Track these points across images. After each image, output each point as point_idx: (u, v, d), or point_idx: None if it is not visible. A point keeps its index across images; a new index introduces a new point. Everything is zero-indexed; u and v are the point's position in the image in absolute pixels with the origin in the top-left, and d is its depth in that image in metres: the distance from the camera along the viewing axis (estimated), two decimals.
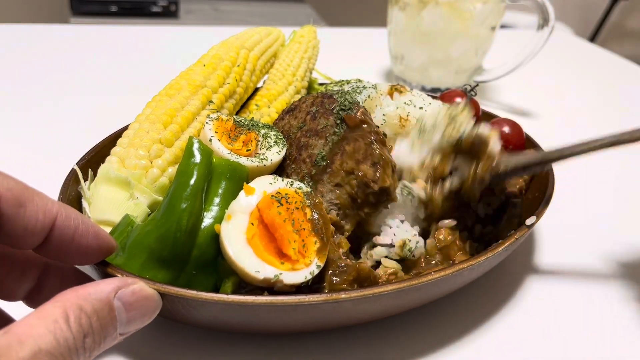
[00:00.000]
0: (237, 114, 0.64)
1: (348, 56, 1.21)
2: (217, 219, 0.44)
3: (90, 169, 0.51)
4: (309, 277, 0.41)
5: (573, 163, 0.80)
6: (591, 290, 0.53)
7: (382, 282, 0.45)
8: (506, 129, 0.65)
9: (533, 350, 0.46)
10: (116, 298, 0.31)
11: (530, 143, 0.65)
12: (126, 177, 0.47)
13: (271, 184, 0.45)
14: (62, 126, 0.82)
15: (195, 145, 0.45)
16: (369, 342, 0.45)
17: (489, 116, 0.72)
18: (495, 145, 0.49)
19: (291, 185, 0.46)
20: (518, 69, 0.94)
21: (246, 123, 0.54)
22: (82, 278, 0.38)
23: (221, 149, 0.49)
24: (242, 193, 0.43)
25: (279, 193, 0.44)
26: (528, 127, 0.68)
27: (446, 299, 0.49)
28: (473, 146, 0.49)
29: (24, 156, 0.72)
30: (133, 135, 0.51)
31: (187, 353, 0.43)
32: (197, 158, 0.45)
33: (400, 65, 1.02)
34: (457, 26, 0.92)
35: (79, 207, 0.48)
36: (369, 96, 0.60)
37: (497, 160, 0.49)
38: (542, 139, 0.67)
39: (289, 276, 0.40)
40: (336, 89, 0.63)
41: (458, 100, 0.69)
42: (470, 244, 0.53)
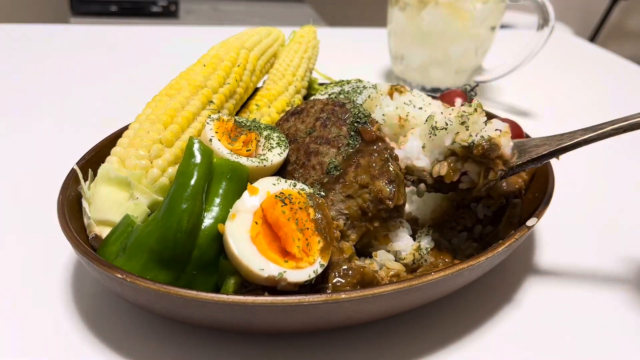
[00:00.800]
0: (237, 114, 0.64)
1: (348, 56, 1.21)
2: (218, 219, 0.44)
3: (90, 169, 0.51)
4: (313, 276, 0.41)
5: (573, 163, 0.80)
6: (591, 290, 0.53)
7: (384, 283, 0.45)
8: None
9: (533, 350, 0.46)
10: None
11: None
12: (126, 177, 0.47)
13: (274, 185, 0.45)
14: (62, 126, 0.82)
15: (195, 145, 0.45)
16: (370, 342, 0.45)
17: (489, 116, 0.72)
18: (506, 149, 0.47)
19: (294, 186, 0.46)
20: (518, 69, 0.94)
21: (247, 124, 0.54)
22: None
23: (221, 149, 0.49)
24: (246, 193, 0.44)
25: (283, 193, 0.44)
26: (528, 127, 0.68)
27: (446, 299, 0.49)
28: (484, 152, 0.46)
29: (24, 156, 0.72)
30: (133, 135, 0.51)
31: (187, 353, 0.43)
32: (198, 158, 0.45)
33: (400, 65, 1.02)
34: (457, 26, 0.92)
35: (79, 207, 0.48)
36: (369, 96, 0.60)
37: (509, 162, 0.48)
38: None
39: (293, 274, 0.40)
40: (336, 90, 0.63)
41: (467, 101, 0.69)
42: (470, 244, 0.53)
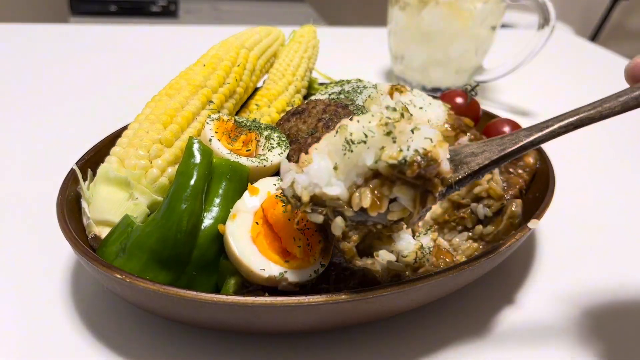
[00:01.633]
0: (237, 114, 0.63)
1: (348, 56, 1.21)
2: (218, 220, 0.44)
3: (89, 169, 0.51)
4: (314, 276, 0.41)
5: (573, 162, 0.80)
6: (593, 290, 0.53)
7: (385, 284, 0.45)
8: (507, 129, 0.65)
9: (534, 351, 0.46)
10: None
11: None
12: (126, 177, 0.47)
13: (275, 185, 0.45)
14: (62, 126, 0.81)
15: (195, 145, 0.45)
16: (370, 343, 0.45)
17: (490, 116, 0.72)
18: (445, 163, 0.36)
19: None
20: (518, 69, 0.94)
21: (248, 124, 0.54)
22: None
23: (221, 149, 0.49)
24: (247, 193, 0.44)
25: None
26: None
27: (447, 300, 0.49)
28: (421, 171, 0.35)
29: (23, 156, 0.72)
30: (133, 135, 0.51)
31: (187, 353, 0.43)
32: (197, 158, 0.45)
33: (400, 65, 1.02)
34: (458, 26, 0.91)
35: (79, 207, 0.48)
36: (369, 96, 0.59)
37: (446, 179, 0.37)
38: None
39: (294, 274, 0.40)
40: (337, 90, 0.63)
41: (467, 101, 0.69)
42: (470, 245, 0.53)
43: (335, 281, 0.44)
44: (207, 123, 0.52)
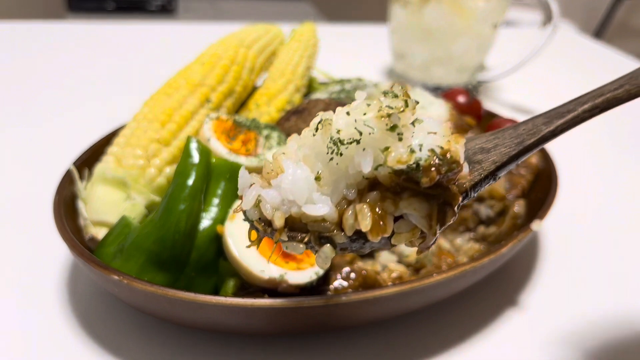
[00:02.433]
0: (237, 113, 0.63)
1: (348, 54, 1.20)
2: (217, 220, 0.43)
3: (86, 169, 0.50)
4: (315, 277, 0.40)
5: (577, 162, 0.79)
6: (595, 291, 0.53)
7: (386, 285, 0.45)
8: None
9: (536, 352, 0.45)
10: None
11: None
12: (123, 177, 0.46)
13: None
14: (58, 125, 0.81)
15: (193, 145, 0.44)
16: (371, 345, 0.45)
17: (492, 115, 0.71)
18: (465, 165, 0.29)
19: None
20: (521, 67, 0.93)
21: (247, 123, 0.54)
22: None
23: (219, 149, 0.48)
24: None
25: None
26: None
27: (449, 301, 0.49)
28: (442, 178, 0.27)
29: (20, 155, 0.72)
30: (130, 134, 0.50)
31: (185, 355, 0.43)
32: (196, 158, 0.44)
33: (401, 63, 1.02)
34: (459, 24, 0.91)
35: (75, 208, 0.48)
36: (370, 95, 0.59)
37: (463, 184, 0.29)
38: None
39: (294, 276, 0.40)
40: (337, 89, 0.62)
41: (470, 100, 0.68)
42: (472, 246, 0.52)
43: (335, 282, 0.43)
44: (206, 122, 0.51)
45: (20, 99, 0.88)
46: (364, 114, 0.27)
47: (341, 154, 0.27)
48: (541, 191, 0.55)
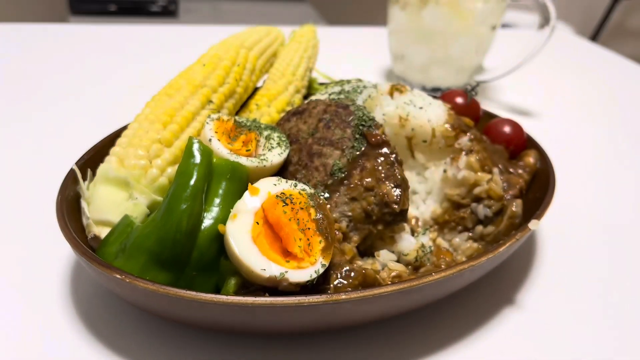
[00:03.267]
0: (237, 114, 0.63)
1: (348, 55, 1.20)
2: (218, 220, 0.44)
3: (89, 169, 0.51)
4: (315, 276, 0.41)
5: (574, 162, 0.80)
6: (592, 290, 0.53)
7: (385, 284, 0.45)
8: (507, 129, 0.65)
9: (534, 351, 0.45)
10: None
11: (531, 143, 0.65)
12: (125, 177, 0.47)
13: (275, 185, 0.45)
14: (61, 126, 0.81)
15: (195, 145, 0.45)
16: (371, 343, 0.45)
17: (490, 116, 0.71)
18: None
19: (295, 186, 0.46)
20: (519, 69, 0.94)
21: (248, 124, 0.54)
22: None
23: (220, 149, 0.49)
24: (247, 193, 0.43)
25: (284, 194, 0.44)
26: (529, 127, 0.68)
27: (448, 300, 0.49)
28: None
29: (23, 156, 0.72)
30: (132, 135, 0.51)
31: (187, 354, 0.43)
32: (197, 158, 0.44)
33: (400, 64, 1.02)
34: (458, 25, 0.91)
35: (78, 207, 0.48)
36: (370, 96, 0.59)
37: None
38: (544, 139, 0.67)
39: (295, 274, 0.40)
40: (337, 90, 0.63)
41: (467, 100, 0.68)
42: (470, 245, 0.53)
43: (335, 281, 0.44)
44: (207, 123, 0.51)
45: (23, 100, 0.89)
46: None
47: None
48: (539, 191, 0.56)
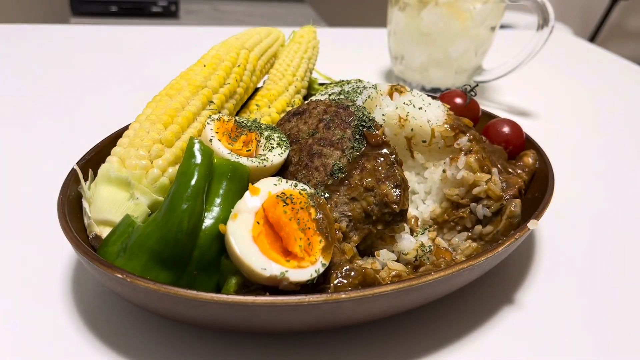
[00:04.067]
0: (238, 114, 0.64)
1: (348, 56, 1.21)
2: (219, 220, 0.44)
3: (90, 169, 0.51)
4: (315, 275, 0.41)
5: (572, 162, 0.80)
6: (592, 290, 0.53)
7: (385, 283, 0.45)
8: (506, 129, 0.65)
9: (534, 350, 0.46)
10: None
11: (530, 143, 0.65)
12: (126, 177, 0.47)
13: (276, 185, 0.45)
14: (62, 126, 0.82)
15: (196, 145, 0.45)
16: (370, 343, 0.45)
17: (489, 116, 0.72)
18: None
19: (295, 186, 0.46)
20: (518, 69, 0.94)
21: (248, 124, 0.54)
22: None
23: (221, 149, 0.49)
24: (248, 193, 0.44)
25: (284, 193, 0.44)
26: (528, 127, 0.68)
27: (447, 300, 0.49)
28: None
29: (25, 156, 0.72)
30: (133, 135, 0.51)
31: (188, 353, 0.43)
32: (198, 158, 0.45)
33: (400, 65, 1.03)
34: (457, 26, 0.92)
35: (79, 207, 0.48)
36: (369, 96, 0.60)
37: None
38: (542, 139, 0.67)
39: (295, 274, 0.40)
40: (336, 90, 0.63)
41: (467, 101, 0.69)
42: (469, 245, 0.53)
43: (335, 281, 0.44)
44: (208, 123, 0.52)
45: (25, 101, 0.89)
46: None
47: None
48: (537, 191, 0.56)
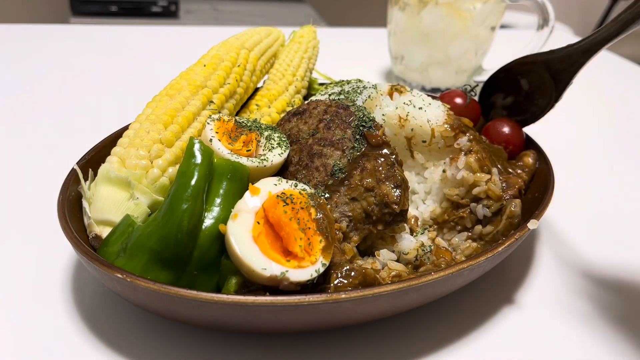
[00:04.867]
0: (238, 114, 0.64)
1: (348, 56, 1.21)
2: (219, 220, 0.44)
3: (90, 169, 0.51)
4: (315, 275, 0.41)
5: (572, 162, 0.80)
6: (592, 290, 0.53)
7: (385, 283, 0.46)
8: (506, 129, 0.65)
9: (533, 350, 0.46)
10: None
11: (530, 143, 0.65)
12: (126, 177, 0.47)
13: (276, 185, 0.45)
14: (63, 126, 0.82)
15: (196, 145, 0.45)
16: (371, 342, 0.45)
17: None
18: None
19: (295, 186, 0.46)
20: None
21: (248, 124, 0.54)
22: None
23: (221, 149, 0.49)
24: (248, 193, 0.44)
25: (284, 193, 0.44)
26: (528, 127, 0.68)
27: (447, 299, 0.49)
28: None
29: (25, 156, 0.72)
30: (133, 135, 0.51)
31: (188, 353, 0.43)
32: (198, 158, 0.45)
33: (400, 65, 1.03)
34: (457, 26, 0.92)
35: (79, 207, 0.48)
36: (369, 96, 0.60)
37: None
38: (542, 139, 0.67)
39: (295, 273, 0.40)
40: (336, 90, 0.63)
41: (467, 101, 0.69)
42: (469, 245, 0.53)
43: (335, 281, 0.44)
44: (208, 123, 0.52)
45: (24, 100, 0.89)
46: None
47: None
48: (537, 191, 0.56)
